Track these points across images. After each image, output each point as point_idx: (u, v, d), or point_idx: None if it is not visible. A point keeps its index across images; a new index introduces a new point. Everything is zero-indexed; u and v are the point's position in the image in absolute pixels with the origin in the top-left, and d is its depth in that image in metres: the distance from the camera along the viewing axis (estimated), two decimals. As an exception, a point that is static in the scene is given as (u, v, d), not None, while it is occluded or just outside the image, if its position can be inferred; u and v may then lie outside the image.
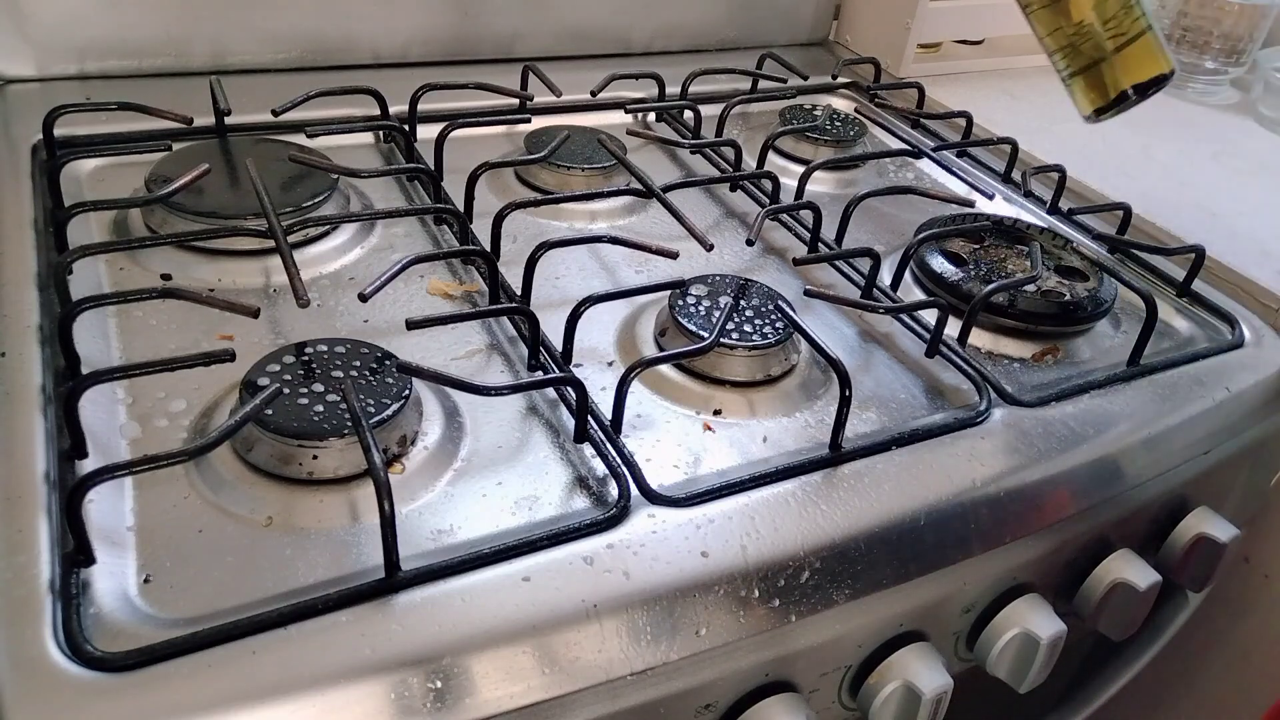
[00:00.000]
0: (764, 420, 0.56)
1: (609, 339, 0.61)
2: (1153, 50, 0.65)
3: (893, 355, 0.63)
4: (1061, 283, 0.68)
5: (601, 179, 0.76)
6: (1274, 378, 0.67)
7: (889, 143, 0.92)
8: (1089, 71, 0.66)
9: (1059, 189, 0.81)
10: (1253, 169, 0.93)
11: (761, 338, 0.57)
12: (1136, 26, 0.64)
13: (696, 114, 0.86)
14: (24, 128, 0.70)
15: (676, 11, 1.01)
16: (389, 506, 0.41)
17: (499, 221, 0.65)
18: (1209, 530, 0.64)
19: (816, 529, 0.49)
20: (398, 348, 0.53)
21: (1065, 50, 0.66)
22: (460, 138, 0.76)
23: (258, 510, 0.46)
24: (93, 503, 0.44)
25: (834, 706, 0.53)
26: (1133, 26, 0.64)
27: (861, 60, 1.01)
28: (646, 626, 0.44)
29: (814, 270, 0.71)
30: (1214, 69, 1.07)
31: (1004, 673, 0.56)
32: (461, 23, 0.91)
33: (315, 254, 0.64)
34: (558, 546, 0.45)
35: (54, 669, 0.37)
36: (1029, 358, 0.65)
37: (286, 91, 0.74)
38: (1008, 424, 0.57)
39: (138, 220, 0.65)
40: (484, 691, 0.40)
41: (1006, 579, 0.56)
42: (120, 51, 0.80)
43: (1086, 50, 0.65)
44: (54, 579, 0.40)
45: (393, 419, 0.49)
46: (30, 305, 0.54)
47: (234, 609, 0.41)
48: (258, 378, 0.49)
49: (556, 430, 0.53)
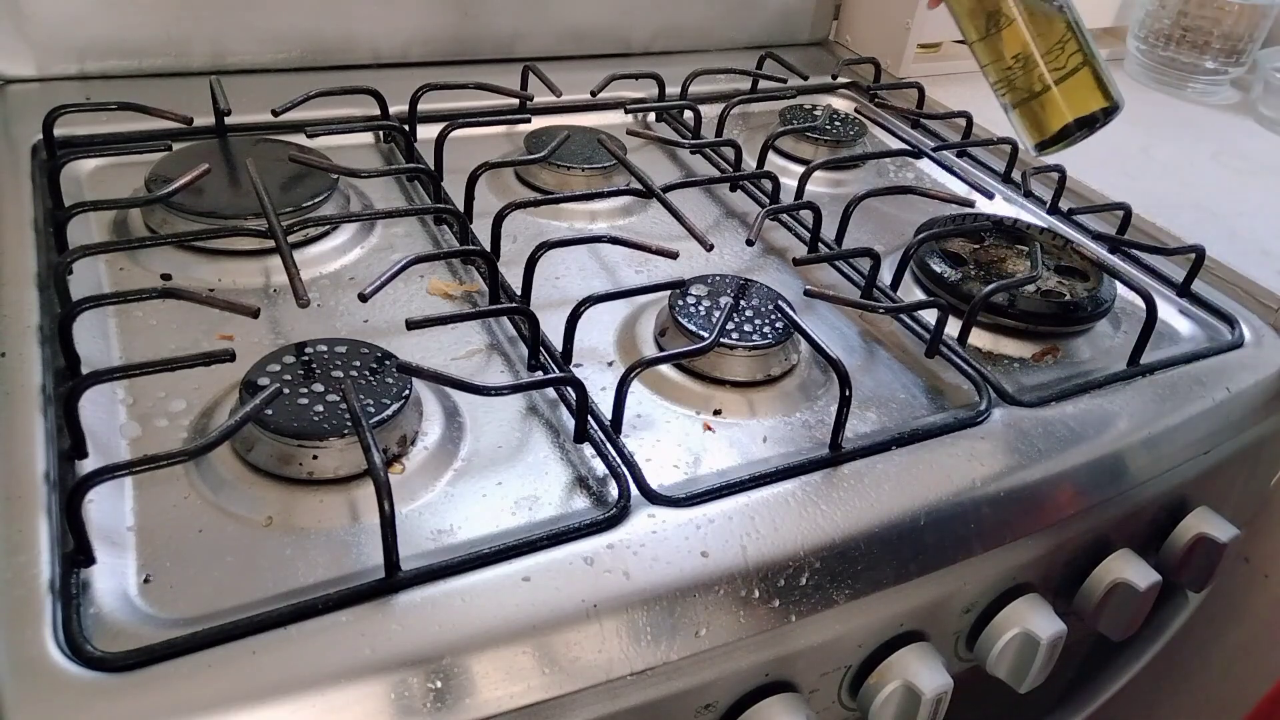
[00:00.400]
0: (764, 420, 0.56)
1: (609, 339, 0.61)
2: (1093, 84, 0.64)
3: (893, 355, 0.63)
4: (1061, 283, 0.68)
5: (601, 179, 0.76)
6: (1274, 378, 0.67)
7: (889, 143, 0.92)
8: (1029, 104, 0.65)
9: (1059, 189, 0.81)
10: (1253, 169, 0.93)
11: (761, 338, 0.57)
12: (1074, 60, 0.64)
13: (696, 114, 0.86)
14: (24, 128, 0.70)
15: (676, 11, 1.01)
16: (389, 506, 0.41)
17: (499, 221, 0.65)
18: (1209, 530, 0.64)
19: (816, 529, 0.49)
20: (398, 348, 0.53)
21: (1004, 83, 0.66)
22: (460, 138, 0.76)
23: (258, 510, 0.46)
24: (93, 503, 0.44)
25: (834, 706, 0.53)
26: (1070, 60, 0.64)
27: (861, 60, 1.01)
28: (646, 626, 0.44)
29: (814, 270, 0.71)
30: (1214, 69, 1.07)
31: (1004, 673, 0.56)
32: (461, 23, 0.91)
33: (315, 254, 0.64)
34: (558, 546, 0.45)
35: (54, 669, 0.37)
36: (1029, 358, 0.65)
37: (286, 91, 0.74)
38: (1008, 424, 0.57)
39: (138, 220, 0.65)
40: (484, 691, 0.40)
41: (1006, 579, 0.56)
42: (120, 51, 0.80)
43: (1025, 84, 0.65)
44: (54, 579, 0.40)
45: (393, 419, 0.49)
46: (30, 305, 0.54)
47: (234, 609, 0.41)
48: (258, 378, 0.49)
49: (556, 430, 0.53)
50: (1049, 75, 0.64)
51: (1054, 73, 0.64)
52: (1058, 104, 0.64)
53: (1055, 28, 0.64)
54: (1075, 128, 0.65)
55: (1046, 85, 0.64)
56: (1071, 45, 0.64)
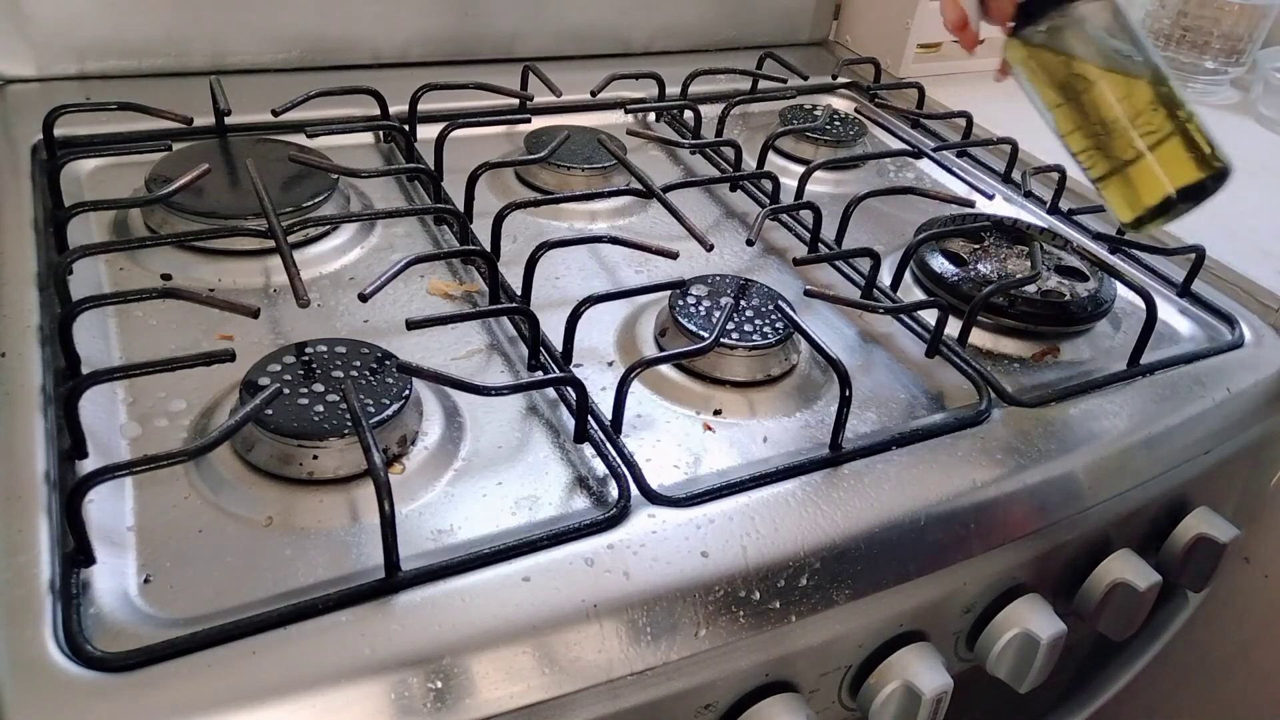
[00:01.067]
0: (764, 420, 0.56)
1: (609, 339, 0.61)
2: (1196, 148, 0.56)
3: (893, 355, 0.63)
4: (1061, 283, 0.68)
5: (601, 179, 0.76)
6: (1274, 378, 0.67)
7: (889, 143, 0.92)
8: (1121, 175, 0.57)
9: (1059, 189, 0.81)
10: (1253, 169, 0.93)
11: (761, 338, 0.57)
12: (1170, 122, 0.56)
13: (696, 114, 0.86)
14: (24, 128, 0.70)
15: (676, 11, 1.01)
16: (389, 506, 0.41)
17: (499, 221, 0.65)
18: (1209, 530, 0.64)
19: (816, 529, 0.48)
20: (398, 348, 0.53)
21: (1090, 153, 0.58)
22: (460, 138, 0.76)
23: (258, 510, 0.46)
24: (93, 503, 0.44)
25: (834, 706, 0.53)
26: (1165, 122, 0.56)
27: (861, 60, 1.01)
28: (646, 627, 0.44)
29: (814, 270, 0.71)
30: (1214, 69, 1.07)
31: (1004, 673, 0.56)
32: (461, 23, 0.91)
33: (315, 254, 0.64)
34: (558, 546, 0.45)
35: (54, 669, 0.37)
36: (1029, 358, 0.65)
37: (286, 91, 0.74)
38: (1008, 424, 0.57)
39: (138, 220, 0.65)
40: (484, 691, 0.40)
41: (1006, 579, 0.56)
42: (120, 51, 0.80)
43: (1115, 153, 0.57)
44: (54, 579, 0.40)
45: (393, 419, 0.49)
46: (30, 305, 0.54)
47: (234, 609, 0.41)
48: (258, 378, 0.49)
49: (556, 430, 0.53)
50: (1141, 141, 0.56)
51: (1147, 137, 0.56)
52: (1154, 173, 0.56)
53: (1144, 87, 0.56)
54: (1178, 199, 0.56)
55: (1139, 152, 0.56)
56: (1166, 105, 0.56)
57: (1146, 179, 0.56)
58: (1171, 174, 0.56)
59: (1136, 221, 0.58)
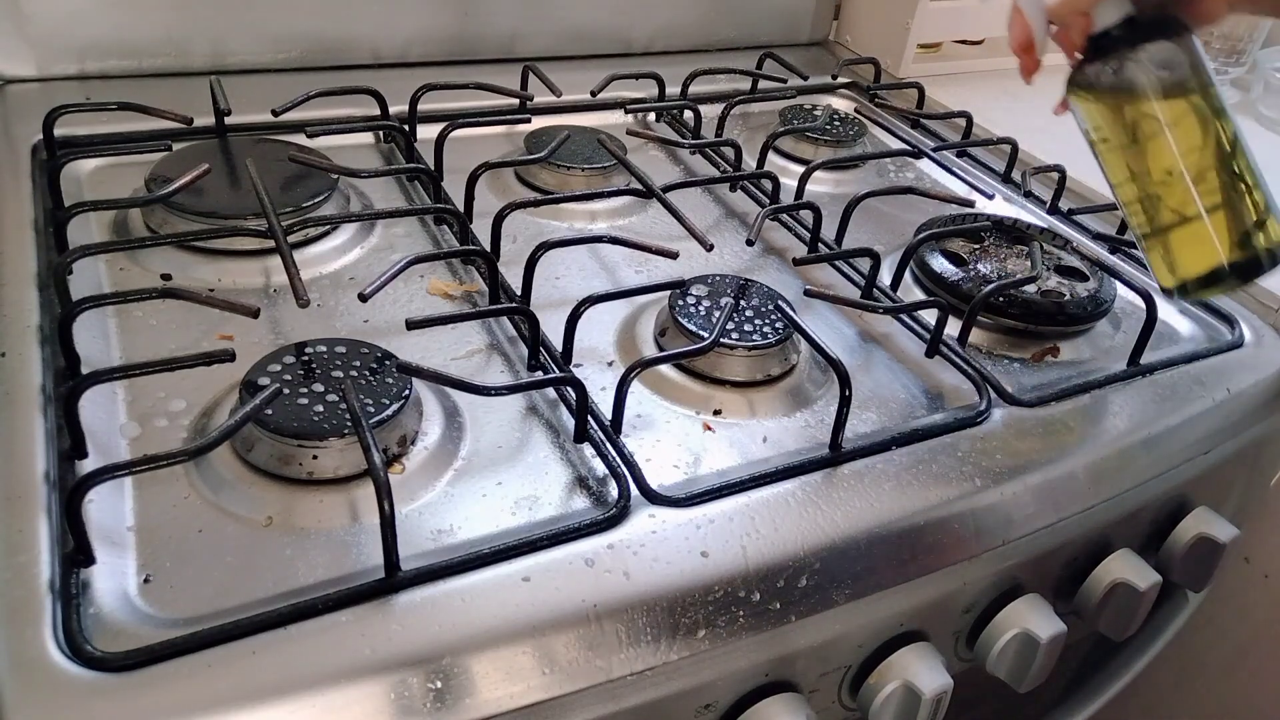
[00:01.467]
0: (764, 420, 0.56)
1: (609, 339, 0.61)
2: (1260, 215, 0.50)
3: (893, 355, 0.63)
4: (1061, 283, 0.68)
5: (601, 179, 0.76)
6: (1274, 378, 0.67)
7: (889, 143, 0.92)
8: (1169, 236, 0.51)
9: (1059, 189, 0.81)
10: (1253, 169, 0.93)
11: (761, 338, 0.57)
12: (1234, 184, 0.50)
13: (696, 114, 0.86)
14: (24, 128, 0.70)
15: (676, 11, 1.01)
16: (389, 506, 0.41)
17: (499, 221, 0.65)
18: (1209, 530, 0.64)
19: (816, 529, 0.48)
20: (398, 348, 0.53)
21: (1140, 206, 0.52)
22: (460, 138, 0.76)
23: (258, 510, 0.46)
24: (93, 503, 0.44)
25: (834, 706, 0.53)
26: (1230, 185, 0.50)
27: (861, 60, 1.01)
28: (646, 627, 0.44)
29: (814, 270, 0.71)
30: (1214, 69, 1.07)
31: (1004, 673, 0.56)
32: (461, 23, 0.91)
33: (315, 254, 0.64)
34: (558, 546, 0.45)
35: (54, 669, 0.37)
36: (1029, 358, 0.65)
37: (286, 91, 0.74)
38: (1008, 424, 0.57)
39: (138, 220, 0.65)
40: (484, 691, 0.40)
41: (1006, 579, 0.56)
42: (120, 51, 0.80)
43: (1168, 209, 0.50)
44: (54, 579, 0.40)
45: (393, 419, 0.49)
46: (30, 305, 0.54)
47: (234, 609, 0.41)
48: (258, 378, 0.49)
49: (556, 430, 0.53)
50: (1201, 200, 0.49)
51: (1208, 197, 0.49)
52: (1208, 238, 0.50)
53: (1213, 142, 0.50)
54: (1229, 273, 0.50)
55: (1197, 213, 0.50)
56: (1234, 165, 0.50)
57: (1199, 243, 0.50)
58: (1226, 243, 0.50)
59: (1181, 288, 0.52)
